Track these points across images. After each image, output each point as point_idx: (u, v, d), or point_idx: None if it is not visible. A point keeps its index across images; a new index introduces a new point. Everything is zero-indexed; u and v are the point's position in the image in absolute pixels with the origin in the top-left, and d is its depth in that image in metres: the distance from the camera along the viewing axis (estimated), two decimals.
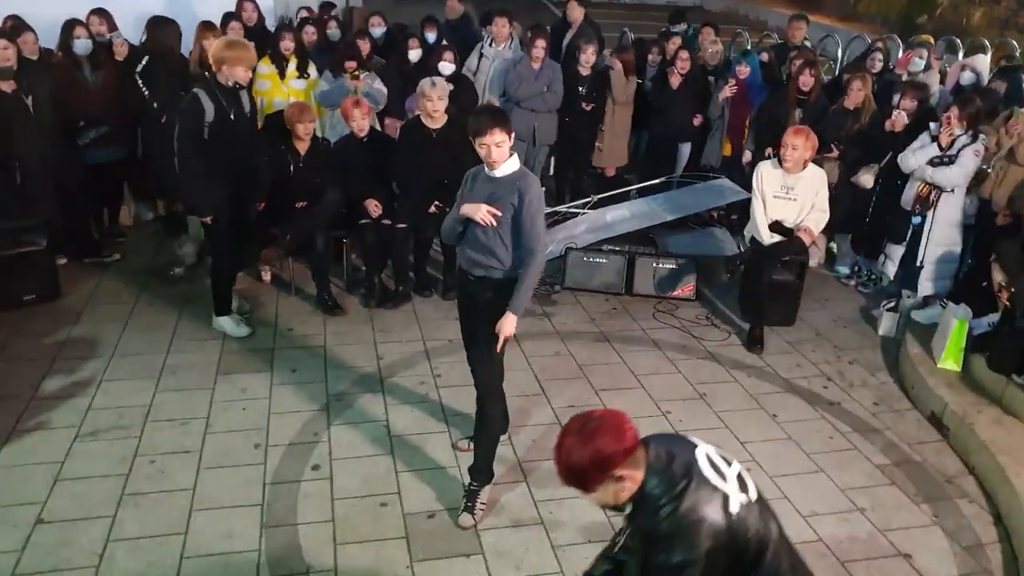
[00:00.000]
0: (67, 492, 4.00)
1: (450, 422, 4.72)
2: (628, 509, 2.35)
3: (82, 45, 6.39)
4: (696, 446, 2.41)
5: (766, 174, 5.83)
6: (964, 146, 5.75)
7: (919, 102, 6.38)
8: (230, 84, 5.09)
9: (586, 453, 2.24)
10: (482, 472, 4.04)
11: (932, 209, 5.89)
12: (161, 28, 6.65)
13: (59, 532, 3.75)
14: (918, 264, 6.01)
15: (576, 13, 8.28)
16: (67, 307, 5.87)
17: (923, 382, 5.15)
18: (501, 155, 3.72)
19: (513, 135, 3.81)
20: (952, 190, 5.82)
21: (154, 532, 3.76)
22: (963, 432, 4.71)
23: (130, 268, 6.55)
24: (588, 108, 7.41)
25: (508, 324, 3.77)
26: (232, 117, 5.14)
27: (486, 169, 3.82)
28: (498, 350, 3.84)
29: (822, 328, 6.14)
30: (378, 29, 8.03)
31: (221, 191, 5.20)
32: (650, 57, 8.10)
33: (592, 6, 9.08)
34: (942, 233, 5.92)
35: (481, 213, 3.71)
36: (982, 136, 5.80)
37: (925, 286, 6.02)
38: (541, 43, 7.26)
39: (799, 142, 5.63)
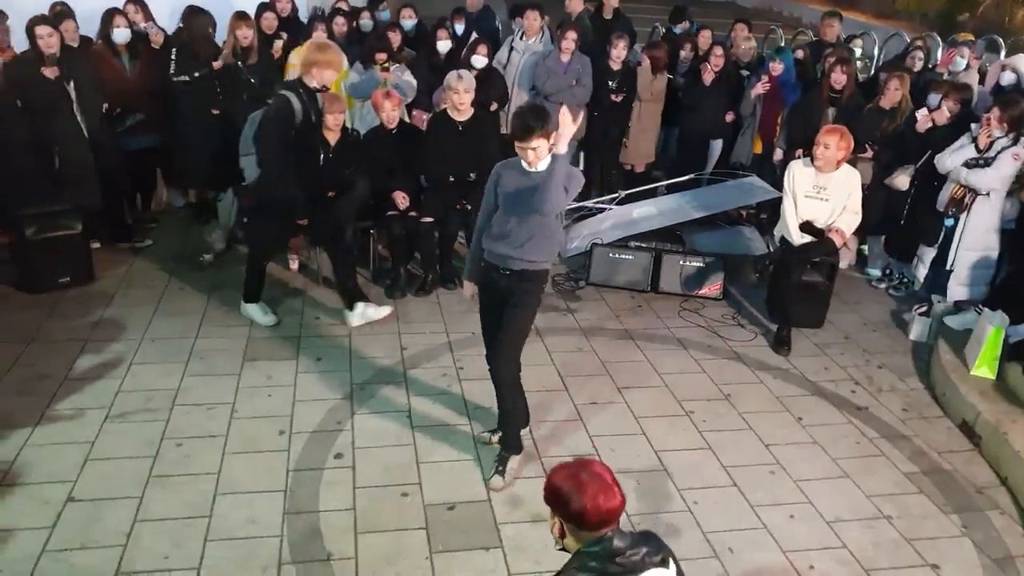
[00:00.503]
0: (97, 472, 4.08)
1: (472, 414, 4.74)
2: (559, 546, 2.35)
3: (121, 34, 6.49)
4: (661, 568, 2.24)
5: (798, 173, 5.78)
6: (1003, 149, 5.67)
7: (961, 103, 6.29)
8: (316, 87, 5.20)
9: (556, 487, 2.26)
10: (510, 446, 4.24)
11: (966, 212, 5.82)
12: (195, 18, 6.73)
13: (88, 511, 3.82)
14: (948, 268, 5.94)
15: (574, 5, 8.23)
16: (100, 291, 5.97)
17: (955, 389, 5.08)
18: (540, 157, 3.83)
19: (551, 137, 3.82)
20: (987, 193, 5.74)
21: (179, 514, 3.83)
22: (996, 441, 4.64)
23: (161, 254, 6.64)
24: (618, 99, 7.38)
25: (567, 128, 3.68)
26: (312, 119, 5.29)
27: (523, 164, 3.91)
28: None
29: (851, 331, 6.08)
30: (409, 21, 8.06)
31: (302, 190, 5.32)
32: (682, 53, 8.05)
33: (625, 0, 9.06)
34: (976, 238, 5.84)
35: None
36: (1023, 139, 5.71)
37: (955, 291, 5.95)
38: (571, 35, 7.25)
39: (832, 141, 5.58)
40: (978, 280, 5.93)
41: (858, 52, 8.44)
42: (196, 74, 6.62)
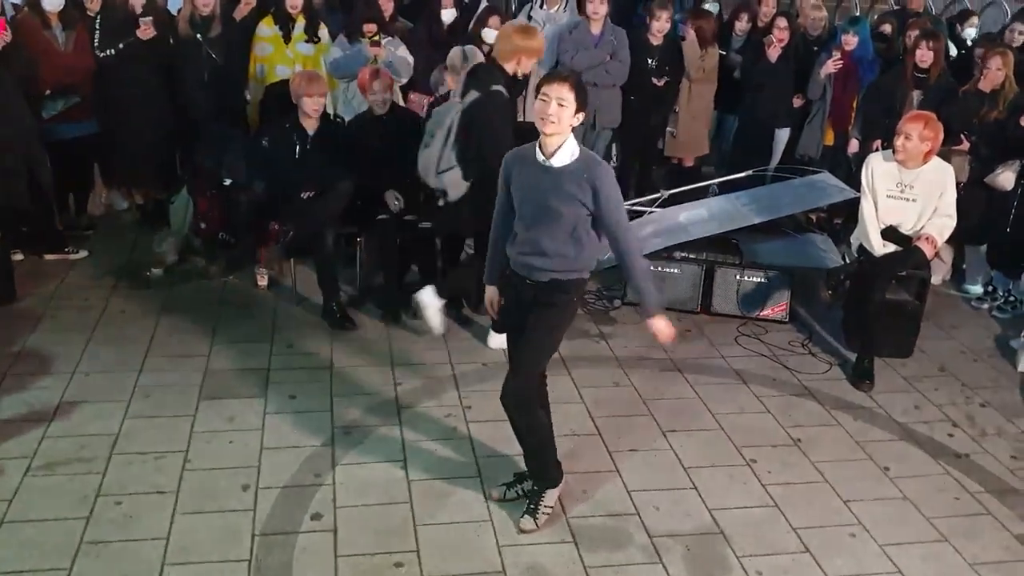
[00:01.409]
0: (14, 538, 3.99)
1: (482, 465, 4.66)
2: None
3: (52, 0, 6.47)
4: None
5: (878, 168, 5.73)
6: None
7: None
8: (519, 77, 5.42)
9: None
10: (542, 478, 4.26)
11: None
12: None
13: None
14: None
15: None
16: (23, 313, 5.93)
17: None
18: (560, 119, 3.73)
19: (581, 117, 3.81)
20: None
21: None
22: None
23: (99, 267, 6.61)
24: (661, 83, 7.35)
25: (663, 325, 3.98)
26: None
27: (539, 155, 3.83)
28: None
29: (947, 361, 6.02)
30: None
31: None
32: (737, 24, 8.04)
33: None
34: None
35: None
36: None
37: None
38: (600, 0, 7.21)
39: (915, 130, 5.52)
40: None
41: (972, 32, 8.36)
42: (120, 45, 6.62)
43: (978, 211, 6.46)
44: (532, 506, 4.21)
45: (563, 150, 3.80)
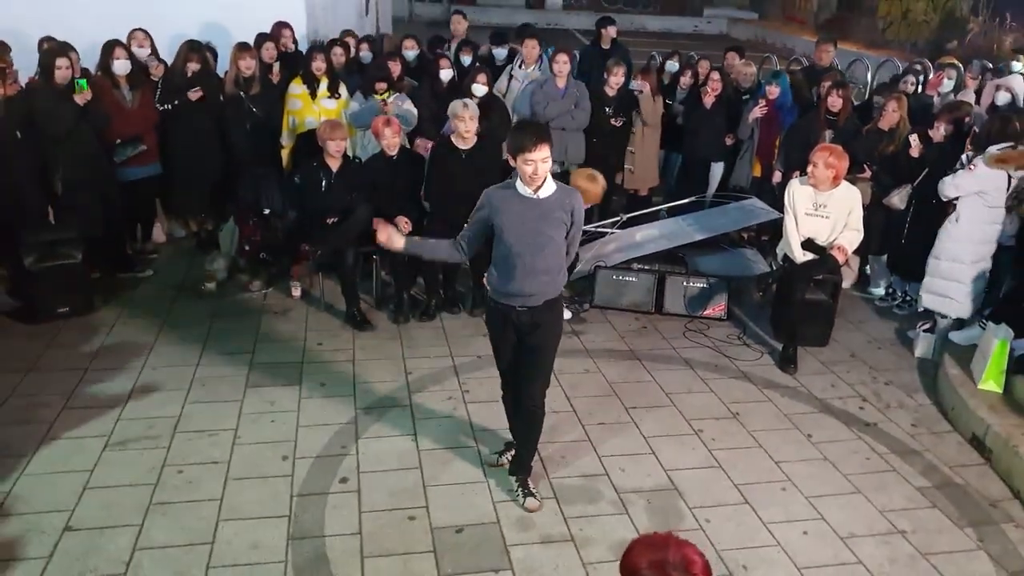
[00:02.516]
0: (96, 500, 3.97)
1: (478, 438, 4.65)
2: None
3: (121, 65, 6.46)
4: None
5: (797, 191, 5.74)
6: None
7: (954, 123, 6.26)
8: None
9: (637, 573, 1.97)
10: (528, 469, 4.19)
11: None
12: (181, 48, 6.79)
13: (87, 540, 3.71)
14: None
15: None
16: (100, 320, 5.90)
17: (963, 404, 5.00)
18: (544, 173, 3.67)
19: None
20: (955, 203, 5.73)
21: (181, 541, 3.72)
22: (1007, 455, 4.55)
23: (162, 283, 6.59)
24: (618, 124, 7.37)
25: None
26: None
27: (524, 190, 3.70)
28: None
29: (857, 349, 6.02)
30: (411, 52, 8.08)
31: None
32: (683, 79, 8.07)
33: (623, 34, 9.10)
34: (947, 246, 5.80)
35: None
36: (968, 154, 5.74)
37: (924, 299, 5.98)
38: (563, 58, 7.24)
39: (821, 159, 5.54)
40: (946, 291, 5.85)
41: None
42: (176, 102, 6.62)
43: (879, 227, 6.47)
44: (527, 491, 4.10)
45: (546, 184, 3.70)
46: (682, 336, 6.09)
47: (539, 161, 3.60)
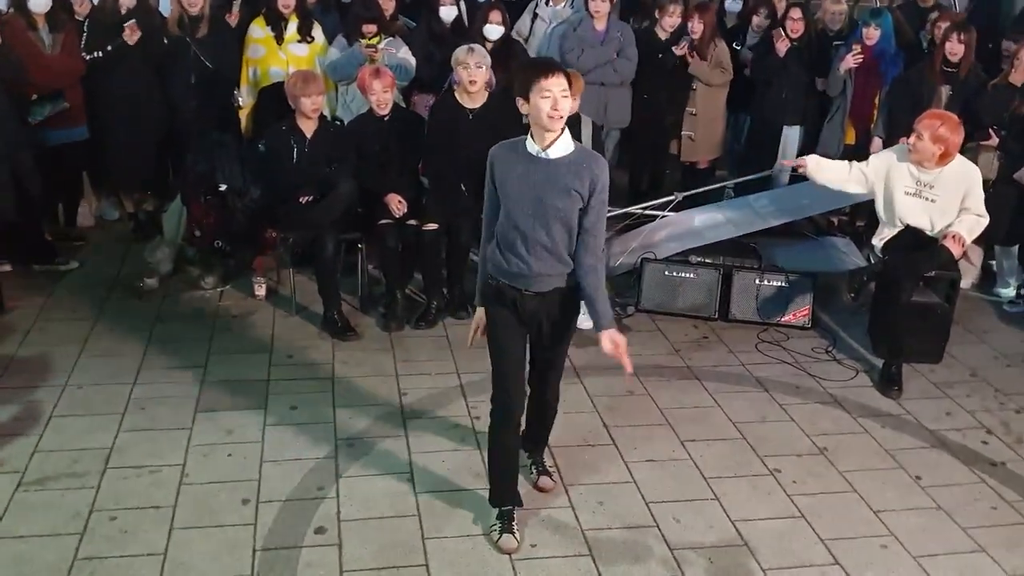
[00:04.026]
0: (6, 554, 3.98)
1: None
2: None
3: (40, 1, 6.51)
4: None
5: (895, 164, 5.75)
6: None
7: None
8: None
9: None
10: (542, 444, 4.60)
11: None
12: None
13: None
14: None
15: None
16: (11, 325, 5.93)
17: None
18: (566, 111, 3.66)
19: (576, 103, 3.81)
20: None
21: None
22: None
23: (90, 278, 6.62)
24: (681, 51, 7.36)
25: (614, 340, 3.92)
26: None
27: (532, 147, 3.73)
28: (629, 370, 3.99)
29: (980, 367, 5.99)
30: None
31: None
32: (755, 19, 8.04)
33: None
34: None
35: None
36: None
37: None
38: None
39: (927, 129, 5.50)
40: None
41: None
42: (108, 47, 6.66)
43: (1008, 210, 6.43)
44: (543, 467, 4.57)
45: (560, 141, 3.69)
46: (754, 349, 6.09)
47: (557, 92, 3.58)
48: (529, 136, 3.75)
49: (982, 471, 4.90)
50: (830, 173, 5.93)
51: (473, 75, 5.96)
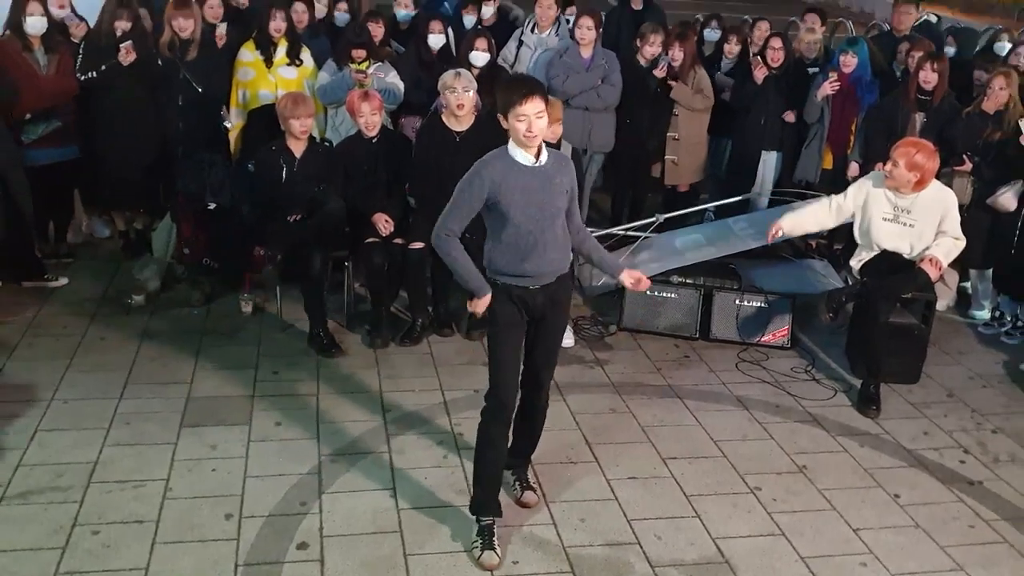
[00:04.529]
0: None
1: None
2: None
3: (35, 24, 6.46)
4: None
5: (872, 191, 5.76)
6: None
7: None
8: None
9: None
10: (527, 460, 4.61)
11: None
12: (108, 3, 6.79)
13: None
14: None
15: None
16: None
17: None
18: (541, 131, 3.88)
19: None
20: None
21: None
22: None
23: (78, 295, 6.56)
24: (661, 73, 7.36)
25: (632, 276, 4.24)
26: None
27: (524, 159, 3.92)
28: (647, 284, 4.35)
29: (956, 387, 5.97)
30: (405, 10, 8.04)
31: None
32: (727, 47, 8.06)
33: None
34: None
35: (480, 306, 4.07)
36: None
37: None
38: (589, 22, 7.28)
39: (903, 157, 5.52)
40: None
41: (951, 52, 8.41)
42: (103, 67, 6.60)
43: (982, 234, 6.43)
44: (526, 483, 4.53)
45: (543, 150, 3.96)
46: (734, 368, 6.06)
47: (532, 116, 3.80)
48: (514, 148, 3.93)
49: (960, 490, 4.88)
50: (809, 224, 6.01)
51: (460, 99, 5.95)
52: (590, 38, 7.28)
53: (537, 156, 3.92)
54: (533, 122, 3.80)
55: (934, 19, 9.45)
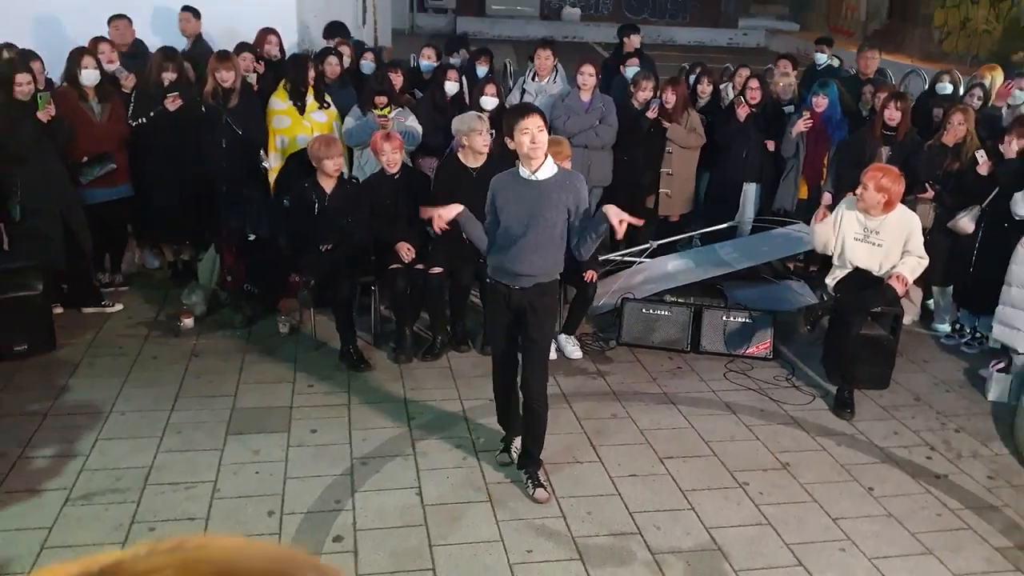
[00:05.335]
0: (55, 561, 3.89)
1: (491, 490, 4.60)
2: None
3: (89, 75, 6.52)
4: None
5: (846, 214, 5.80)
6: None
7: None
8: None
9: None
10: (536, 460, 4.58)
11: None
12: (156, 55, 6.91)
13: None
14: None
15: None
16: (62, 360, 5.88)
17: None
18: (543, 143, 4.06)
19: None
20: None
21: None
22: None
23: (133, 319, 6.58)
24: (653, 115, 7.40)
25: (614, 210, 4.14)
26: None
27: (523, 172, 4.18)
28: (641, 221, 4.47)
29: (922, 392, 5.96)
30: (428, 61, 8.14)
31: None
32: (699, 88, 8.14)
33: (648, 47, 9.21)
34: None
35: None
36: None
37: (997, 331, 5.94)
38: (588, 70, 7.32)
39: (872, 180, 5.57)
40: (1020, 322, 5.79)
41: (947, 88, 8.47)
42: (152, 114, 6.68)
43: (943, 255, 6.45)
44: (537, 481, 4.51)
45: (545, 166, 4.15)
46: (722, 377, 6.05)
47: (534, 129, 4.03)
48: (519, 165, 4.24)
49: (927, 483, 4.88)
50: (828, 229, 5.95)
51: (485, 140, 6.01)
52: (591, 83, 7.35)
53: (536, 170, 4.13)
54: (535, 134, 4.03)
55: (836, 63, 9.66)
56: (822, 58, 9.32)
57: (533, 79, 7.85)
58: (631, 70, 8.32)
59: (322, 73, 7.52)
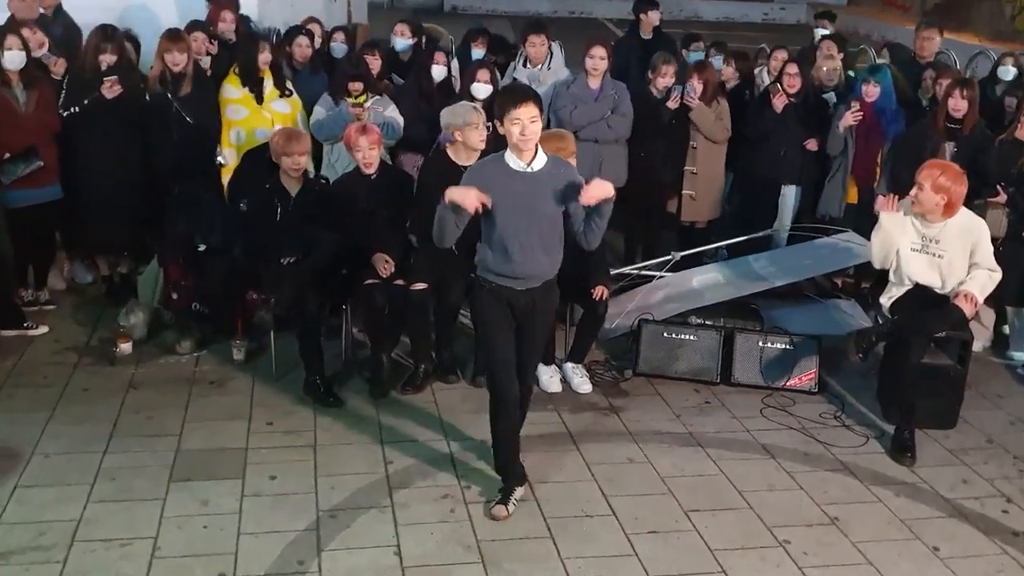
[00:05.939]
0: None
1: (484, 549, 4.56)
2: None
3: (13, 58, 6.50)
4: None
5: (901, 220, 5.77)
6: None
7: None
8: None
9: None
10: (521, 476, 4.87)
11: None
12: (94, 36, 6.88)
13: None
14: None
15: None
16: None
17: None
18: (534, 135, 4.27)
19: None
20: None
21: None
22: None
23: (60, 343, 6.57)
24: (675, 104, 7.43)
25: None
26: None
27: (516, 163, 4.39)
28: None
29: (995, 432, 5.94)
30: (403, 40, 8.12)
31: None
32: (725, 71, 8.25)
33: (670, 24, 9.23)
34: None
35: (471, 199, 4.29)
36: None
37: None
38: (599, 52, 7.33)
39: (928, 179, 5.54)
40: None
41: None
42: (85, 102, 6.67)
43: (1019, 269, 6.41)
44: (504, 499, 4.73)
45: (539, 156, 4.41)
46: (759, 415, 6.04)
47: (526, 120, 4.26)
48: (508, 153, 4.44)
49: (1003, 541, 4.85)
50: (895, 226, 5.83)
51: (482, 135, 6.02)
52: (601, 68, 7.35)
53: (530, 162, 4.37)
54: (526, 125, 4.26)
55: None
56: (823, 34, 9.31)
57: (524, 65, 7.86)
58: (694, 55, 8.39)
59: (290, 55, 7.52)
